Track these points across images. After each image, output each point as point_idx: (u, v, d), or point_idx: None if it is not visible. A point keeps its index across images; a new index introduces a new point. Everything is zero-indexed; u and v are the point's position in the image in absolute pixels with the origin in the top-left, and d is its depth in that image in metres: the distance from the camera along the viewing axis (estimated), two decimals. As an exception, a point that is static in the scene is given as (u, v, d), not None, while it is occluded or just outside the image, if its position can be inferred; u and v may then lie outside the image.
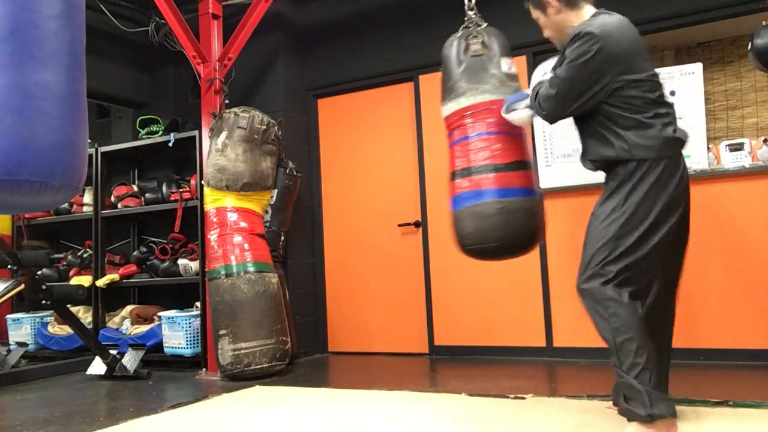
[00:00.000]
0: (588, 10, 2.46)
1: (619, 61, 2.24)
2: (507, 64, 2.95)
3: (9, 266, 3.84)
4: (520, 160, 2.87)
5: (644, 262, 2.22)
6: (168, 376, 4.10)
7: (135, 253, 4.77)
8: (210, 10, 4.28)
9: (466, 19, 3.03)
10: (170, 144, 4.49)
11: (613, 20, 2.34)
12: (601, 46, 2.22)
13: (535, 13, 2.69)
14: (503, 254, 2.86)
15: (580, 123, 2.51)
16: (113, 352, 3.99)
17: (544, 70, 2.71)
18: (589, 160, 2.49)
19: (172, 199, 4.53)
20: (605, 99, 2.27)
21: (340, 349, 4.81)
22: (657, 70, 4.05)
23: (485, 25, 3.01)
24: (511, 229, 2.74)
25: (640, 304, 2.27)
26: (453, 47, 2.92)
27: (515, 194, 2.78)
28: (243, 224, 3.94)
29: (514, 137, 2.88)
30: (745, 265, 3.56)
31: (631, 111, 2.25)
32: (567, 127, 4.03)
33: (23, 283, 3.78)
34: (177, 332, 4.22)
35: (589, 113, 2.36)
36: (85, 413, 3.07)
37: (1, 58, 1.92)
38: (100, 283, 4.62)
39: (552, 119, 2.51)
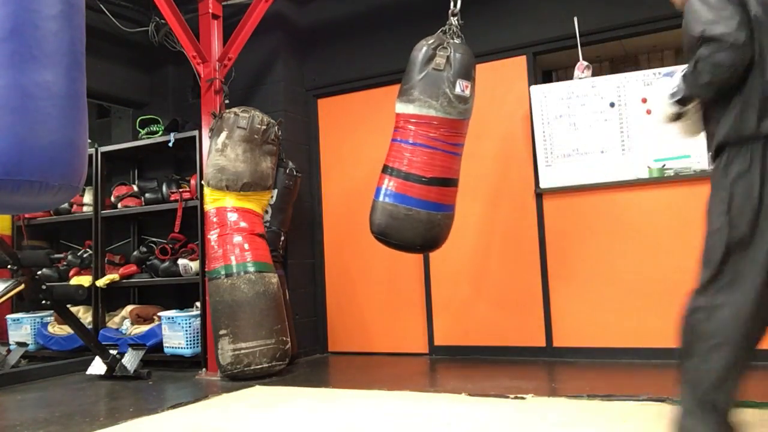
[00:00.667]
0: None
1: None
2: (461, 86, 3.01)
3: (9, 266, 3.84)
4: (444, 177, 3.18)
5: None
6: (168, 376, 4.10)
7: (135, 253, 4.77)
8: (210, 10, 4.28)
9: (447, 24, 3.05)
10: (170, 144, 4.49)
11: None
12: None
13: None
14: (400, 250, 3.36)
15: None
16: (113, 352, 3.99)
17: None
18: None
19: (172, 199, 4.53)
20: None
21: (340, 349, 4.81)
22: (657, 70, 4.07)
23: (459, 39, 3.03)
24: (410, 234, 3.20)
25: None
26: (420, 52, 3.01)
27: (425, 206, 3.15)
28: (243, 224, 3.94)
29: (450, 155, 3.12)
30: (745, 265, 3.55)
31: None
32: (567, 127, 4.06)
33: (23, 283, 3.78)
34: (177, 332, 4.22)
35: None
36: (85, 413, 3.07)
37: (1, 58, 1.92)
38: (100, 283, 4.62)
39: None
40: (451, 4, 3.04)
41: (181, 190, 4.51)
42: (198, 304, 4.32)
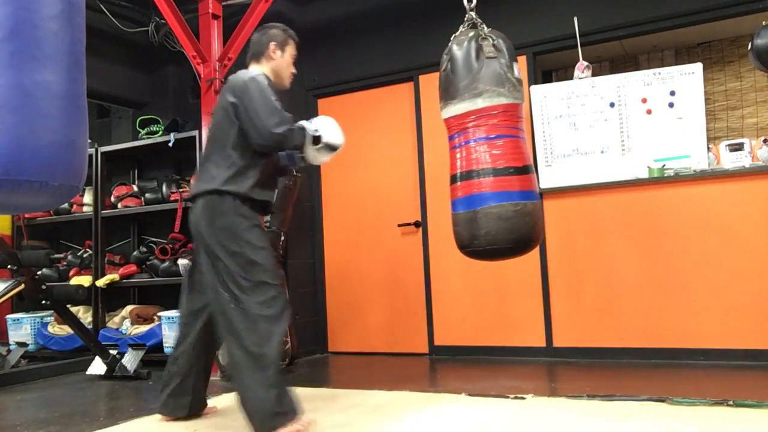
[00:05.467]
0: None
1: None
2: (517, 70, 2.99)
3: (9, 266, 3.84)
4: (528, 164, 2.97)
5: None
6: (168, 376, 4.09)
7: (135, 253, 4.77)
8: (210, 10, 4.28)
9: (467, 19, 3.03)
10: (170, 144, 4.49)
11: None
12: None
13: None
14: (512, 255, 2.96)
15: None
16: (113, 352, 3.99)
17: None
18: None
19: (172, 199, 4.53)
20: None
21: (340, 349, 4.81)
22: (657, 70, 4.08)
23: (488, 28, 3.02)
24: (524, 231, 2.85)
25: None
26: (464, 46, 2.91)
27: (528, 197, 2.88)
28: (243, 224, 3.93)
29: (524, 141, 2.97)
30: (745, 265, 3.56)
31: None
32: (567, 127, 4.06)
33: (23, 283, 3.78)
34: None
35: None
36: (85, 413, 3.07)
37: (1, 58, 1.91)
38: (100, 283, 4.62)
39: None
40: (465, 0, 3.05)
41: (181, 190, 4.51)
42: (198, 304, 4.31)
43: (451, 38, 3.01)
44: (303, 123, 2.69)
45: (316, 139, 2.70)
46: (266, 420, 2.39)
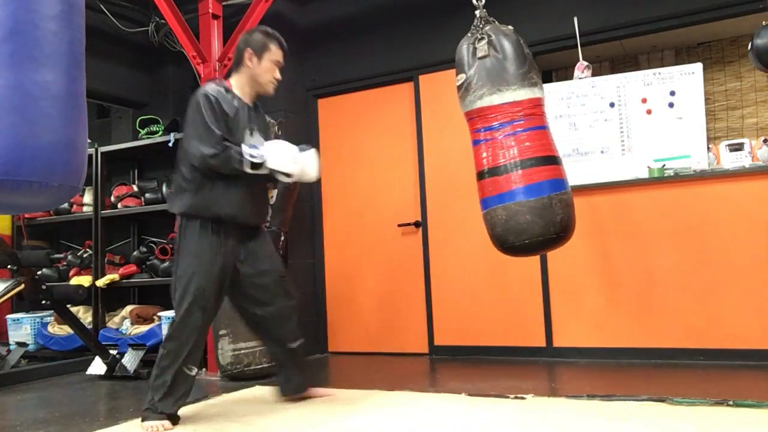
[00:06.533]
0: None
1: None
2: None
3: (9, 266, 3.84)
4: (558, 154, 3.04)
5: None
6: (168, 376, 4.09)
7: (135, 253, 4.77)
8: (210, 10, 4.28)
9: (481, 17, 3.05)
10: (170, 144, 4.49)
11: None
12: None
13: None
14: (554, 246, 2.98)
15: None
16: (113, 352, 3.99)
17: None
18: None
19: (172, 199, 4.53)
20: None
21: (340, 349, 4.81)
22: (657, 70, 4.08)
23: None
24: (569, 221, 2.89)
25: None
26: (514, 40, 2.94)
27: (567, 186, 2.96)
28: (243, 224, 3.93)
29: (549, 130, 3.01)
30: (745, 265, 3.56)
31: None
32: (567, 127, 4.06)
33: (23, 283, 3.78)
34: (177, 332, 4.21)
35: None
36: (85, 413, 3.07)
37: (1, 58, 1.91)
38: (100, 283, 4.61)
39: None
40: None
41: (181, 190, 4.50)
42: (198, 304, 4.31)
43: (481, 28, 2.98)
44: (244, 148, 2.69)
45: (257, 165, 2.70)
46: None
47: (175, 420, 2.68)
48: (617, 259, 3.87)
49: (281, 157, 2.76)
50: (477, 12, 3.04)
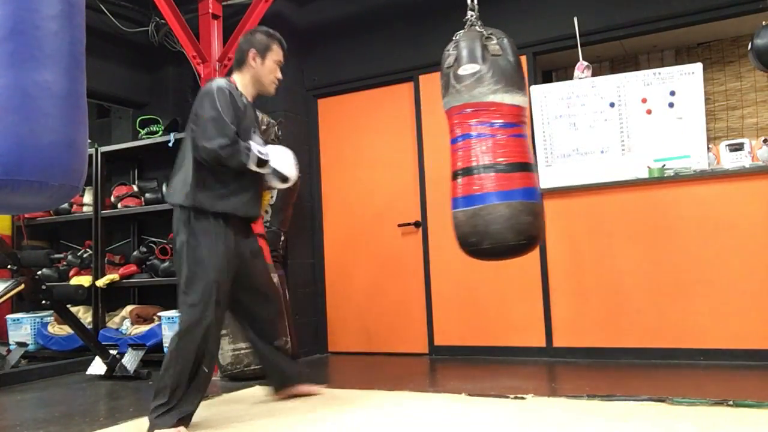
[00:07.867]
0: None
1: None
2: None
3: (9, 266, 3.83)
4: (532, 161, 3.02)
5: None
6: (168, 376, 4.09)
7: (135, 253, 4.77)
8: (210, 10, 4.28)
9: (472, 18, 3.04)
10: (170, 144, 4.49)
11: None
12: None
13: None
14: (516, 254, 2.97)
15: None
16: (113, 352, 3.99)
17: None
18: None
19: (172, 199, 4.52)
20: None
21: (340, 349, 4.81)
22: (657, 70, 4.08)
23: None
24: (537, 229, 2.91)
25: None
26: (510, 42, 2.95)
27: (537, 196, 2.94)
28: (243, 224, 3.93)
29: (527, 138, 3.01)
30: (745, 265, 3.56)
31: None
32: (567, 127, 4.06)
33: (23, 283, 3.78)
34: (177, 332, 4.21)
35: None
36: (85, 413, 3.07)
37: (1, 58, 1.91)
38: (100, 283, 4.61)
39: None
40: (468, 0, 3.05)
41: (181, 190, 4.50)
42: (198, 304, 4.31)
43: (481, 33, 2.97)
44: (251, 144, 2.70)
45: (262, 163, 2.71)
46: None
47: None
48: (617, 259, 3.87)
49: (284, 159, 2.81)
50: (471, 12, 3.04)
